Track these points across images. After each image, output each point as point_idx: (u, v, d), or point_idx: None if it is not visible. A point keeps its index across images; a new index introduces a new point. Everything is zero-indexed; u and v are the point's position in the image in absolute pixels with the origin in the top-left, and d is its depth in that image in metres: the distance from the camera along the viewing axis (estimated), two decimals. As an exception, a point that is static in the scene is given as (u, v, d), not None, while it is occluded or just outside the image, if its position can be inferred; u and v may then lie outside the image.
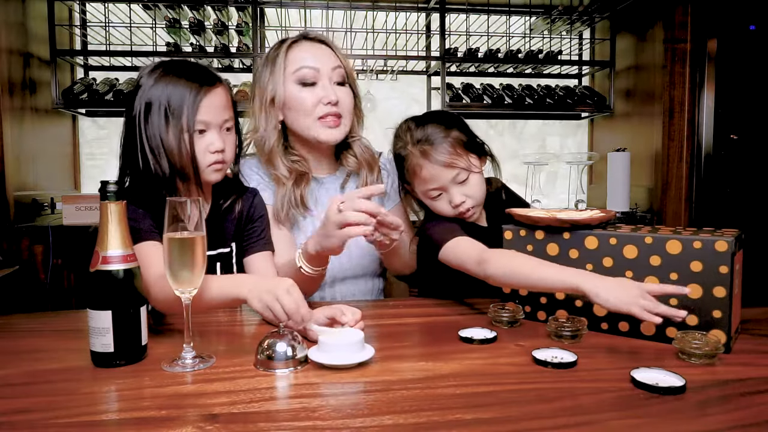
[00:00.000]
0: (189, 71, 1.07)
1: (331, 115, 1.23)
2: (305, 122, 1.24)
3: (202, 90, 1.05)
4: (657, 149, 2.48)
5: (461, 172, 1.23)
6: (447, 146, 1.22)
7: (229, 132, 1.12)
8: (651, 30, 2.55)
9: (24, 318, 1.14)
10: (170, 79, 1.05)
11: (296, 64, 1.23)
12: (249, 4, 2.53)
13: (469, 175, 1.24)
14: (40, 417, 0.67)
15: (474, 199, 1.26)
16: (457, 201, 1.24)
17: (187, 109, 1.04)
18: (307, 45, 1.26)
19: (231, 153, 1.13)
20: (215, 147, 1.07)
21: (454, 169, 1.22)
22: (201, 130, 1.07)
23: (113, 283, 0.84)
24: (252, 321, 1.13)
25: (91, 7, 2.64)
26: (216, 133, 1.08)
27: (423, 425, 0.64)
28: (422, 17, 2.86)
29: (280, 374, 0.80)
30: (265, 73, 1.27)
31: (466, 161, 1.23)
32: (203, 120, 1.06)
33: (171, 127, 1.04)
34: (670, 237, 0.92)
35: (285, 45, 1.26)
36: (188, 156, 1.05)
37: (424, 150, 1.23)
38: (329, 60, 1.25)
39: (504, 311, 1.04)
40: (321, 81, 1.23)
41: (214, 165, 1.09)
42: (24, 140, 2.32)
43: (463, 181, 1.24)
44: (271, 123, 1.26)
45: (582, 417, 0.66)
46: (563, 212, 1.07)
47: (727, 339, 0.88)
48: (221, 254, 1.19)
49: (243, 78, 2.81)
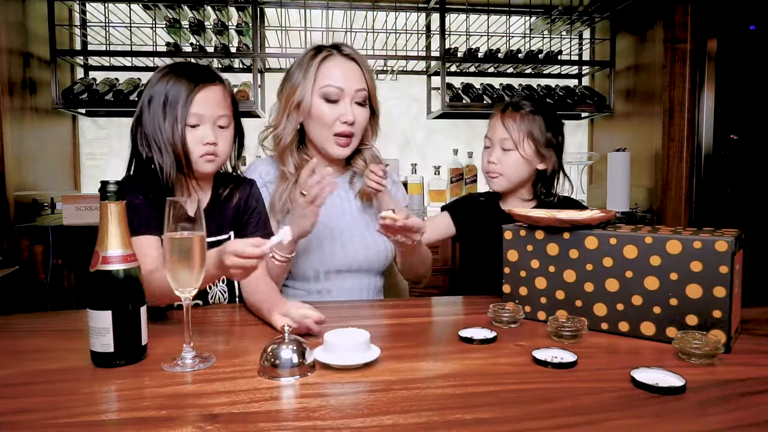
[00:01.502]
0: (191, 70, 1.16)
1: (345, 135, 1.32)
2: (322, 134, 1.32)
3: (198, 86, 1.14)
4: (657, 149, 2.48)
5: (509, 140, 1.40)
6: (519, 118, 1.41)
7: (223, 129, 1.18)
8: (651, 30, 2.55)
9: (24, 318, 1.14)
10: (172, 76, 1.14)
11: (325, 81, 1.30)
12: (249, 4, 2.53)
13: (514, 150, 1.40)
14: (40, 417, 0.67)
15: (504, 169, 1.42)
16: (491, 159, 1.43)
17: (182, 102, 1.12)
18: (340, 61, 1.32)
19: (225, 147, 1.19)
20: (207, 140, 1.15)
21: (506, 133, 1.40)
22: (194, 124, 1.14)
23: (113, 283, 0.84)
24: (252, 321, 1.14)
25: (91, 7, 2.64)
26: (209, 127, 1.16)
27: (423, 425, 0.64)
28: (422, 17, 2.86)
29: (285, 383, 0.78)
30: (297, 76, 1.33)
31: (519, 139, 1.40)
32: (196, 113, 1.14)
33: (168, 118, 1.12)
34: (670, 237, 0.92)
35: (320, 57, 1.31)
36: (181, 145, 1.13)
37: (507, 107, 1.44)
38: (355, 81, 1.32)
39: (504, 311, 1.04)
40: (343, 100, 1.31)
41: (206, 156, 1.16)
42: (24, 140, 2.32)
43: (507, 150, 1.41)
44: (291, 124, 1.33)
45: (582, 417, 0.66)
46: (563, 212, 1.07)
47: (727, 339, 0.88)
48: (220, 241, 1.21)
49: (243, 78, 2.81)
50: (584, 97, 2.84)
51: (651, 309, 0.94)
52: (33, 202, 2.36)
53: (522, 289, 1.11)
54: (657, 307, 0.94)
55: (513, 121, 1.40)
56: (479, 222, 1.50)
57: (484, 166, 1.47)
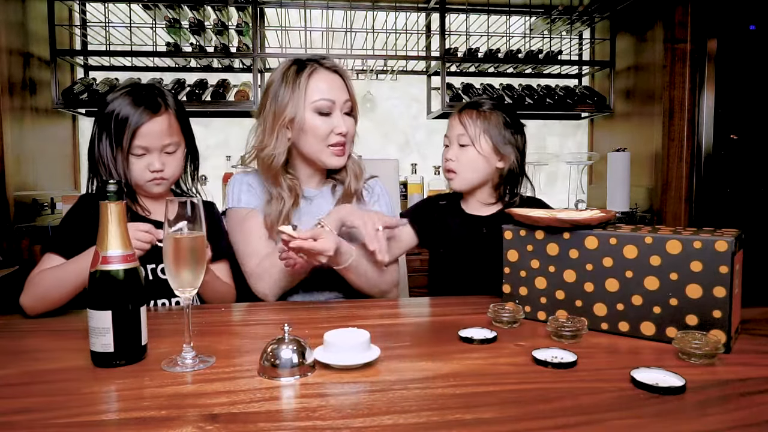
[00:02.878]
0: (137, 100, 1.22)
1: (340, 145, 1.34)
2: (317, 147, 1.34)
3: (143, 118, 1.21)
4: (657, 149, 2.48)
5: (466, 136, 1.39)
6: (475, 115, 1.40)
7: (170, 155, 1.26)
8: (651, 30, 2.55)
9: (24, 318, 1.14)
10: (119, 105, 1.21)
11: (316, 95, 1.31)
12: (249, 4, 2.53)
13: (470, 146, 1.39)
14: (40, 417, 0.67)
15: (460, 167, 1.41)
16: (447, 156, 1.43)
17: (127, 135, 1.20)
18: (325, 74, 1.33)
19: (173, 170, 1.27)
20: (153, 167, 1.24)
21: (462, 129, 1.40)
22: (140, 154, 1.23)
23: (113, 283, 0.84)
24: (252, 321, 1.14)
25: (91, 7, 2.64)
26: (156, 155, 1.24)
27: (423, 425, 0.64)
28: (422, 17, 2.86)
29: (285, 383, 0.78)
30: (284, 93, 1.31)
31: (475, 134, 1.39)
32: (140, 145, 1.22)
33: (114, 148, 1.21)
34: (670, 237, 0.92)
35: (306, 71, 1.32)
36: (122, 173, 1.22)
37: (465, 106, 1.44)
38: (342, 93, 1.35)
39: (504, 311, 1.04)
40: (335, 112, 1.33)
41: (153, 181, 1.25)
42: (24, 140, 2.32)
43: (463, 146, 1.40)
44: (282, 143, 1.33)
45: (582, 417, 0.66)
46: (563, 212, 1.07)
47: (727, 339, 0.88)
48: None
49: (243, 78, 2.81)
50: (584, 97, 2.84)
51: (651, 309, 0.94)
52: (33, 202, 2.36)
53: (522, 289, 1.11)
54: (657, 307, 0.94)
55: (470, 117, 1.40)
56: (442, 225, 1.46)
57: (443, 164, 1.46)
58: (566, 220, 1.02)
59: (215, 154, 2.86)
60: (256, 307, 1.25)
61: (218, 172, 2.73)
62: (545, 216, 1.05)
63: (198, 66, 2.79)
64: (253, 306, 1.27)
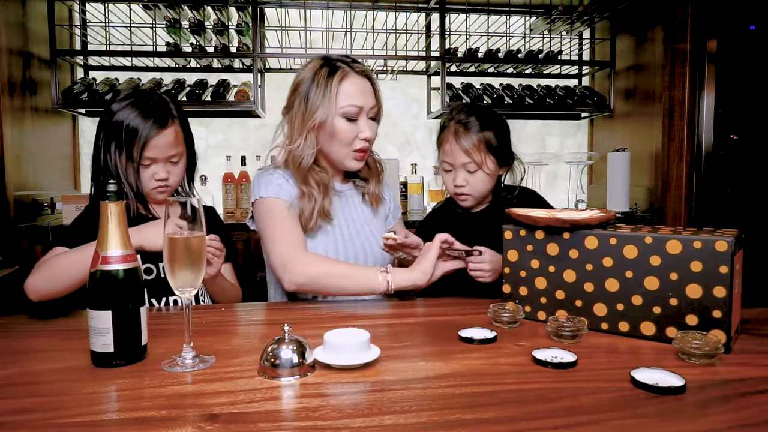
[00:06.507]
0: (146, 112, 1.25)
1: (363, 151, 1.37)
2: (342, 151, 1.35)
3: (152, 131, 1.25)
4: (657, 149, 2.48)
5: (473, 164, 1.40)
6: (474, 139, 1.40)
7: (174, 164, 1.32)
8: (651, 30, 2.55)
9: (24, 318, 1.14)
10: (128, 116, 1.24)
11: (346, 101, 1.31)
12: (249, 4, 2.53)
13: (479, 170, 1.41)
14: (40, 417, 0.67)
15: (472, 189, 1.43)
16: (458, 182, 1.43)
17: (137, 147, 1.24)
18: (356, 79, 1.34)
19: (176, 178, 1.34)
20: (159, 176, 1.29)
21: (468, 157, 1.39)
22: (148, 164, 1.28)
23: (113, 283, 0.84)
24: (252, 321, 1.14)
25: (91, 7, 2.64)
26: (162, 165, 1.29)
27: (423, 425, 0.64)
28: (422, 17, 2.86)
29: (285, 383, 0.78)
30: (315, 95, 1.31)
31: (481, 159, 1.40)
32: (149, 156, 1.27)
33: (123, 158, 1.25)
34: (670, 237, 0.92)
35: (337, 76, 1.31)
36: (134, 182, 1.27)
37: (457, 130, 1.41)
38: (370, 98, 1.36)
39: (504, 311, 1.05)
40: (361, 117, 1.35)
41: (158, 188, 1.30)
42: (24, 140, 2.32)
43: (472, 171, 1.41)
44: (311, 143, 1.33)
45: (582, 417, 0.66)
46: (563, 212, 1.07)
47: (727, 339, 0.88)
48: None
49: (243, 78, 2.81)
50: (584, 97, 2.84)
51: (651, 309, 0.94)
52: (33, 202, 2.36)
53: (522, 289, 1.11)
54: (657, 307, 0.94)
55: (470, 143, 1.39)
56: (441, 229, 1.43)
57: (451, 188, 1.46)
58: (566, 220, 1.02)
59: (215, 154, 2.86)
60: (256, 307, 1.25)
61: (218, 172, 2.73)
62: (545, 216, 1.05)
63: (198, 66, 2.79)
64: (253, 306, 1.27)
